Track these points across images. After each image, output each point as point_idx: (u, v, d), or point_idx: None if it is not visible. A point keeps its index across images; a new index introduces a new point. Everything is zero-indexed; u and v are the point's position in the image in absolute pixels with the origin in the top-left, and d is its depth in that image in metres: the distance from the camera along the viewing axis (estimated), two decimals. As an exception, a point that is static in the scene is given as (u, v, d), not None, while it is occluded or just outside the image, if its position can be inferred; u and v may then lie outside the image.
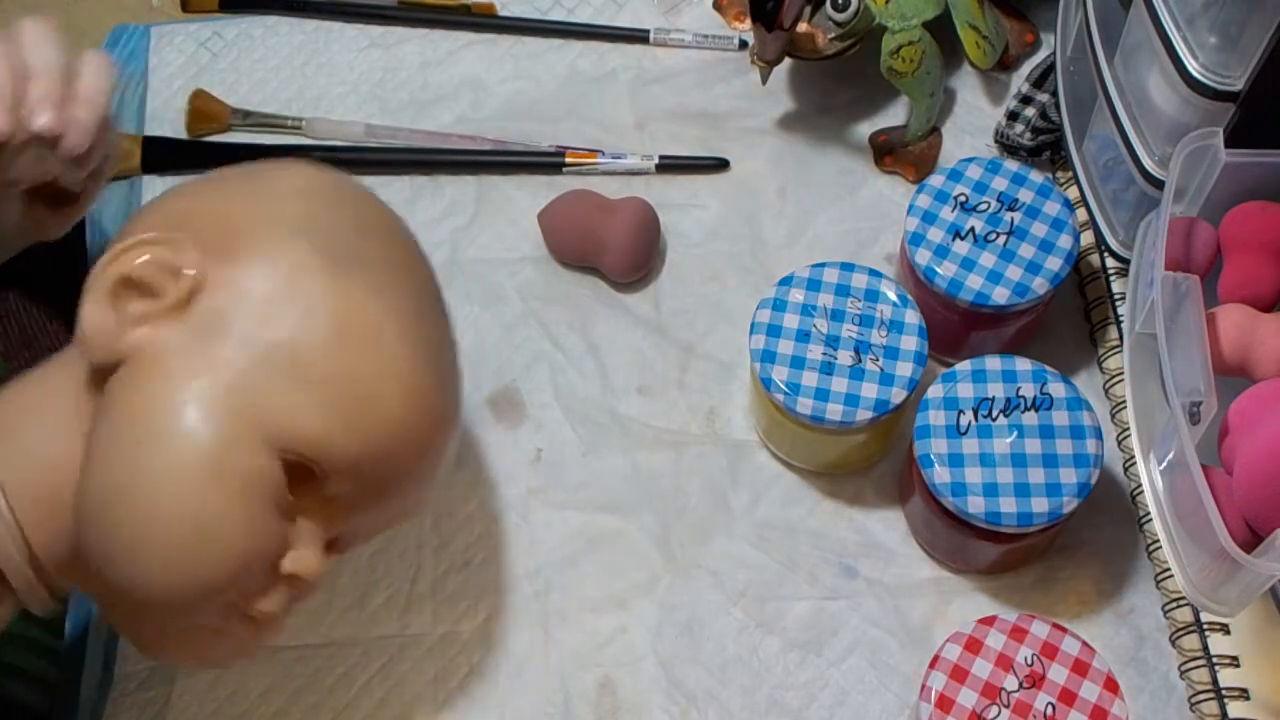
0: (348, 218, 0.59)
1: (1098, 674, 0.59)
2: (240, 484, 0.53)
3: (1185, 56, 0.59)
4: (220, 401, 0.53)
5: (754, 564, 0.71)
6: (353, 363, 0.55)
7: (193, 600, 0.53)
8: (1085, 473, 0.63)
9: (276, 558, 0.55)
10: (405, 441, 0.57)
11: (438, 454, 0.59)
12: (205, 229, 0.56)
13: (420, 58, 0.85)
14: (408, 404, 0.56)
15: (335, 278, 0.56)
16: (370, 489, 0.57)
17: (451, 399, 0.60)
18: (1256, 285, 0.60)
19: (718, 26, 0.85)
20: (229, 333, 0.54)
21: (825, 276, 0.68)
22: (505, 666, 0.69)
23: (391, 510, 0.59)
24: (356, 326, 0.55)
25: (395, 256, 0.60)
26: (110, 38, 0.87)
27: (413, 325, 0.57)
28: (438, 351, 0.59)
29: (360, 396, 0.55)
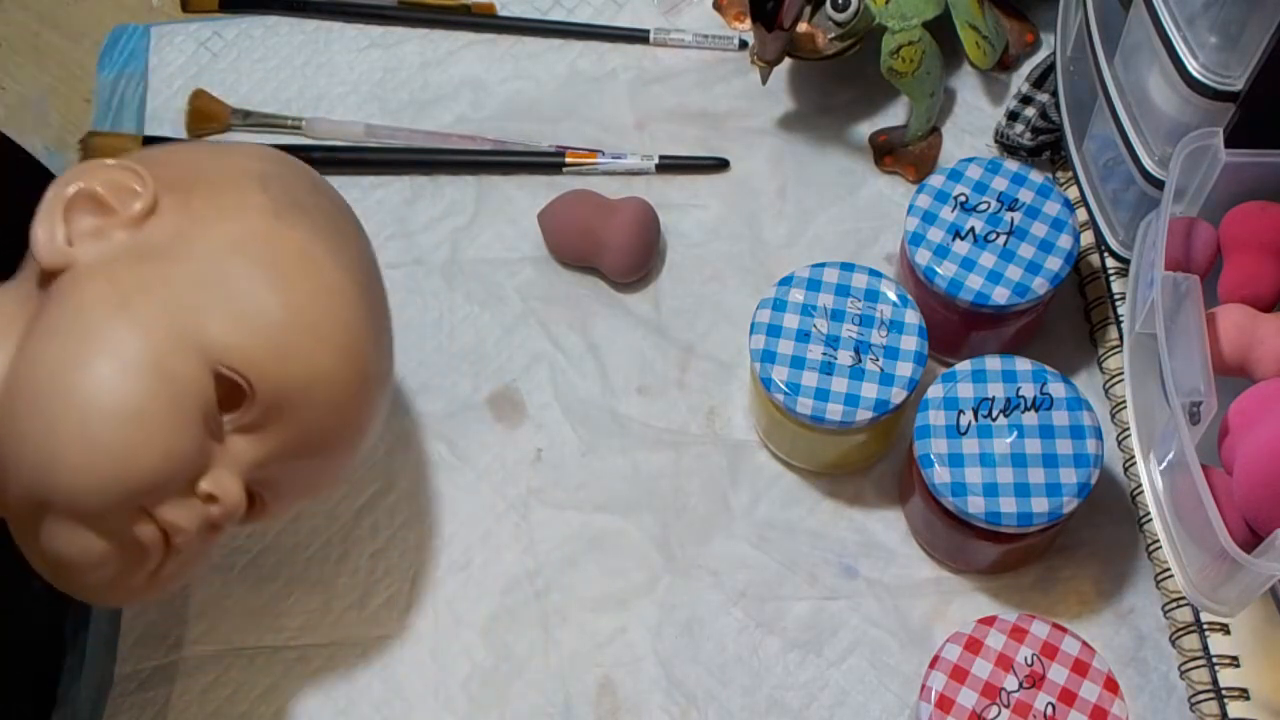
0: (302, 181, 0.63)
1: (1098, 674, 0.59)
2: (170, 387, 0.54)
3: (1185, 56, 0.59)
4: (159, 308, 0.55)
5: (754, 564, 0.71)
6: (291, 293, 0.57)
7: (108, 501, 0.53)
8: (1085, 473, 0.63)
9: (196, 473, 0.56)
10: (333, 380, 0.58)
11: (364, 409, 0.60)
12: (167, 167, 0.60)
13: (420, 58, 0.85)
14: (340, 344, 0.58)
15: (282, 218, 0.59)
16: (296, 426, 0.58)
17: (384, 360, 0.63)
18: (1256, 285, 0.60)
19: (718, 26, 0.85)
20: (175, 252, 0.57)
21: (825, 276, 0.68)
22: (505, 666, 0.69)
23: (315, 464, 0.60)
24: (299, 262, 0.58)
25: (343, 221, 0.63)
26: (110, 38, 0.87)
27: (354, 277, 0.60)
28: (374, 311, 0.62)
29: (296, 326, 0.57)
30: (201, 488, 0.56)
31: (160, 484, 0.54)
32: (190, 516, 0.56)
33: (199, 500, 0.56)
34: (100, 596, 0.59)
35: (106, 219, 0.58)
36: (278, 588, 0.71)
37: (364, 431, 0.62)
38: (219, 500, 0.56)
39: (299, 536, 0.72)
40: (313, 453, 0.59)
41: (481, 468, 0.74)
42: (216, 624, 0.70)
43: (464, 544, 0.72)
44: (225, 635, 0.70)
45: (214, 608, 0.71)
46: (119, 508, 0.54)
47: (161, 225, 0.58)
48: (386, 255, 0.79)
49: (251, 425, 0.57)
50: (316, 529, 0.72)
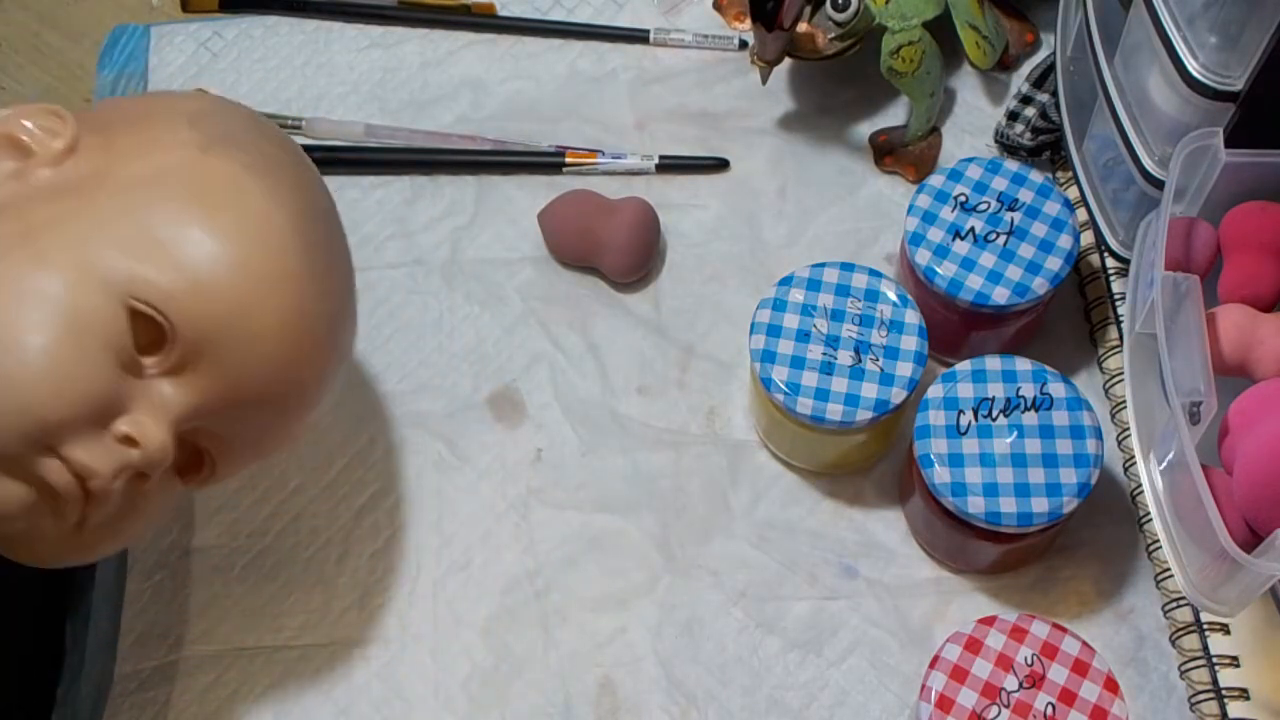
0: (238, 119, 0.61)
1: (1098, 674, 0.59)
2: (74, 321, 0.52)
3: (1185, 56, 0.59)
4: (66, 243, 0.54)
5: (754, 564, 0.71)
6: (213, 225, 0.55)
7: (8, 438, 0.52)
8: (1085, 473, 0.63)
9: (108, 413, 0.53)
10: (264, 317, 0.56)
11: (305, 353, 0.58)
12: (96, 112, 0.59)
13: (420, 58, 0.85)
14: (270, 278, 0.56)
15: (209, 152, 0.57)
16: (228, 369, 0.55)
17: (329, 303, 0.59)
18: (1256, 285, 0.60)
19: (718, 26, 0.85)
20: (92, 187, 0.56)
21: (825, 276, 0.68)
22: (505, 666, 0.69)
23: (260, 418, 0.58)
24: (223, 194, 0.56)
25: (285, 159, 0.60)
26: (110, 38, 0.87)
27: (290, 212, 0.58)
28: (316, 250, 0.59)
29: (218, 259, 0.55)
30: (118, 429, 0.54)
31: (65, 421, 0.52)
32: (104, 459, 0.53)
33: (115, 442, 0.54)
34: (24, 551, 0.57)
35: (26, 161, 0.57)
36: (278, 588, 0.71)
37: (308, 381, 0.59)
38: (138, 443, 0.54)
39: (299, 536, 0.72)
40: (253, 402, 0.57)
41: (481, 468, 0.74)
42: (216, 624, 0.70)
43: (464, 544, 0.72)
44: (225, 635, 0.70)
45: (214, 608, 0.71)
46: (22, 446, 0.52)
47: (82, 164, 0.57)
48: (386, 255, 0.79)
49: (177, 367, 0.55)
50: (316, 529, 0.72)
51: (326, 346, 0.60)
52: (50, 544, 0.56)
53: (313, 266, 0.58)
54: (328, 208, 0.62)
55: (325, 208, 0.62)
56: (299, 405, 0.59)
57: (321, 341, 0.59)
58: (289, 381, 0.58)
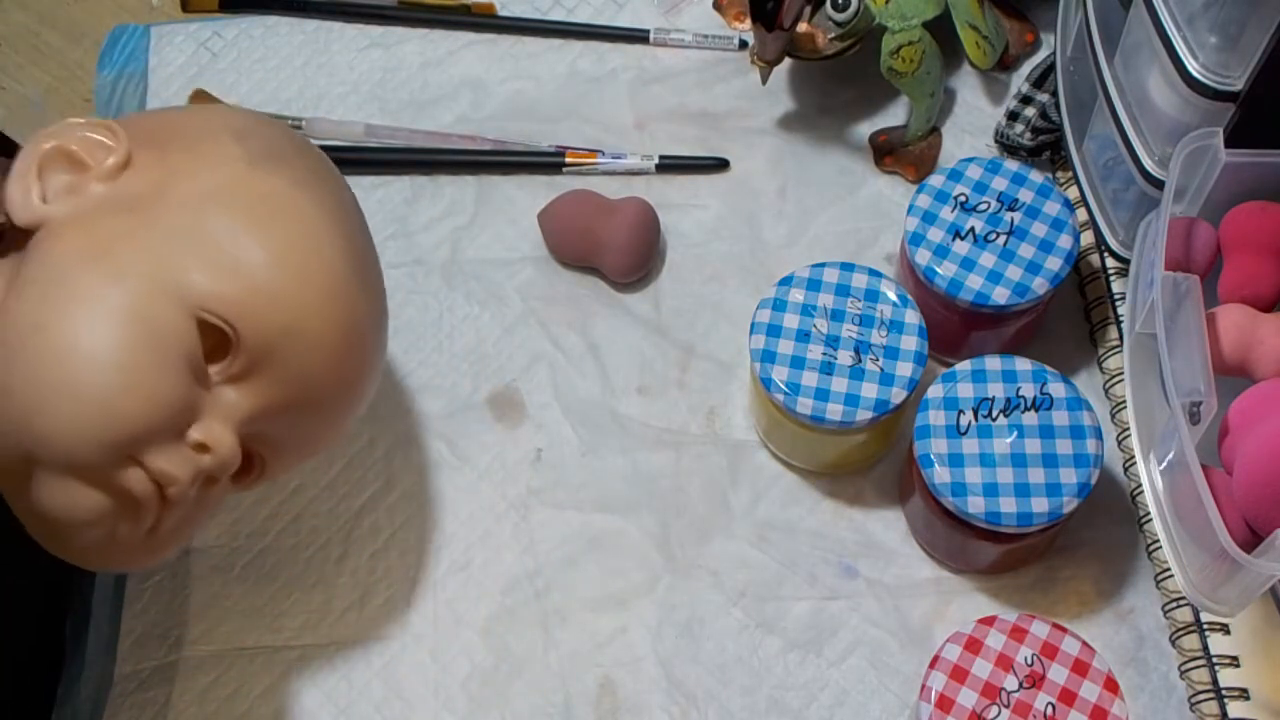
0: (278, 134, 0.63)
1: (1098, 674, 0.59)
2: (151, 333, 0.54)
3: (1185, 56, 0.59)
4: (137, 256, 0.55)
5: (754, 564, 0.71)
6: (271, 238, 0.57)
7: (95, 450, 0.53)
8: (1085, 473, 0.63)
9: (184, 421, 0.55)
10: (320, 324, 0.58)
11: (354, 358, 0.60)
12: (142, 126, 0.60)
13: (420, 58, 0.85)
14: (324, 287, 0.58)
15: (258, 167, 0.59)
16: (286, 375, 0.57)
17: (373, 311, 0.62)
18: (1256, 285, 0.60)
19: (718, 26, 0.85)
20: (152, 203, 0.57)
21: (825, 276, 0.68)
22: (505, 666, 0.69)
23: (311, 419, 0.60)
24: (277, 207, 0.58)
25: (324, 173, 0.63)
26: (110, 38, 0.87)
27: (336, 223, 0.60)
28: (360, 260, 0.61)
29: (277, 270, 0.57)
30: (192, 436, 0.55)
31: (147, 431, 0.54)
32: (182, 465, 0.55)
33: (190, 450, 0.56)
34: (98, 558, 0.58)
35: (81, 175, 0.58)
36: (278, 588, 0.71)
37: (357, 384, 0.61)
38: (211, 449, 0.56)
39: (299, 536, 0.72)
40: (306, 406, 0.59)
41: (481, 468, 0.74)
42: (216, 624, 0.70)
43: (464, 544, 0.72)
44: (225, 635, 0.70)
45: (214, 608, 0.71)
46: (107, 457, 0.54)
47: (137, 179, 0.58)
48: (386, 255, 0.78)
49: (240, 374, 0.57)
50: (316, 529, 0.72)
51: (373, 349, 0.62)
52: (123, 549, 0.57)
53: (359, 274, 0.60)
54: (361, 218, 0.65)
55: (360, 218, 0.64)
56: (348, 406, 0.62)
57: (369, 345, 0.62)
58: (341, 384, 0.60)
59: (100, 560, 0.59)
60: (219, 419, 0.56)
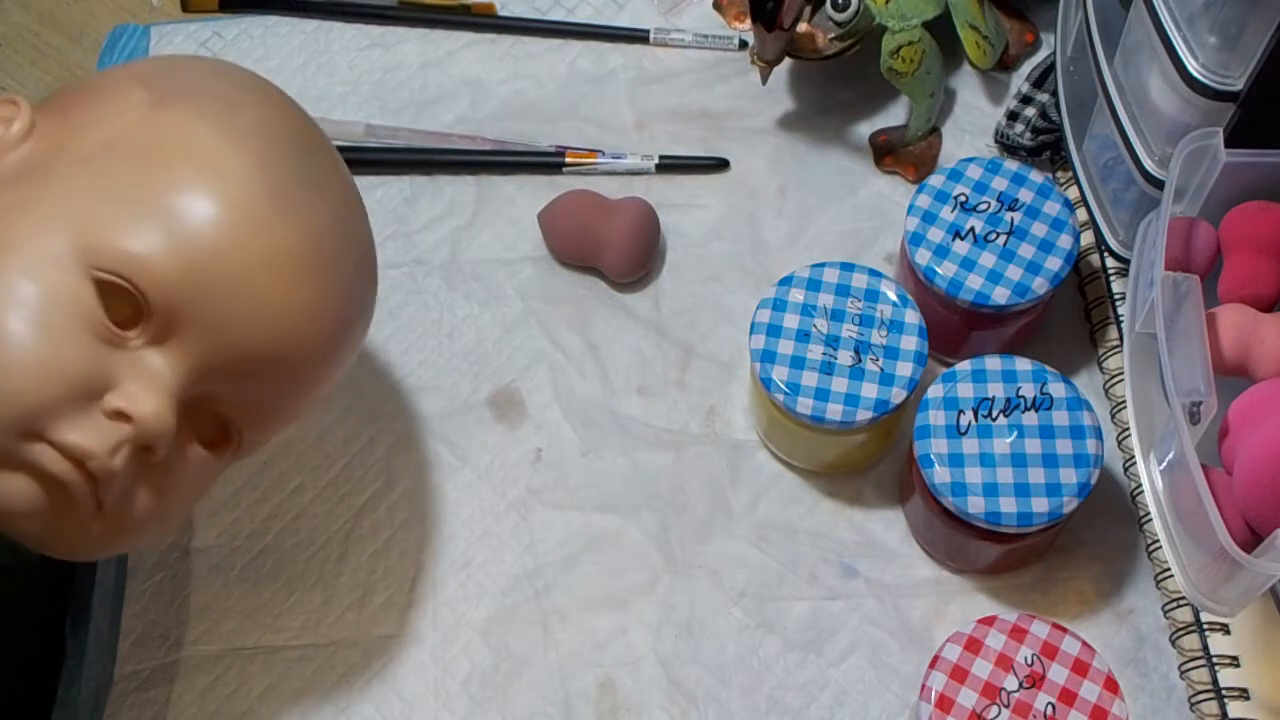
0: (203, 69, 0.59)
1: (1098, 674, 0.59)
2: (40, 305, 0.51)
3: (1185, 56, 0.59)
4: (25, 225, 0.52)
5: (754, 564, 0.71)
6: (166, 181, 0.53)
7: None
8: (1085, 473, 0.63)
9: (93, 390, 0.52)
10: (242, 269, 0.53)
11: (304, 306, 0.55)
12: (56, 94, 0.58)
13: (420, 58, 0.85)
14: (239, 226, 0.53)
15: (161, 107, 0.55)
16: (218, 328, 0.54)
17: (321, 247, 0.56)
18: (1256, 285, 0.60)
19: (718, 26, 0.85)
20: (49, 165, 0.55)
21: (825, 276, 0.68)
22: (505, 666, 0.69)
23: (273, 378, 0.56)
24: (175, 146, 0.54)
25: (249, 103, 0.58)
26: (110, 38, 0.87)
27: (253, 153, 0.55)
28: (297, 195, 0.56)
29: (176, 215, 0.53)
30: (108, 404, 0.52)
31: (45, 404, 0.51)
32: (97, 436, 0.52)
33: (108, 419, 0.52)
34: (62, 546, 0.55)
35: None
36: (278, 588, 0.71)
37: (314, 332, 0.56)
38: (130, 415, 0.52)
39: (299, 536, 0.72)
40: (256, 360, 0.55)
41: (481, 468, 0.74)
42: (216, 624, 0.70)
43: (464, 544, 0.72)
44: (225, 635, 0.70)
45: (214, 608, 0.71)
46: (7, 436, 0.51)
47: (40, 146, 0.56)
48: (386, 255, 0.79)
49: (161, 334, 0.53)
50: (316, 529, 0.72)
51: (324, 287, 0.57)
52: (81, 535, 0.55)
53: (287, 204, 0.55)
54: (307, 140, 0.60)
55: (303, 140, 0.59)
56: (308, 357, 0.57)
57: (316, 283, 0.56)
58: (286, 331, 0.55)
59: (64, 549, 0.56)
60: (143, 384, 0.53)
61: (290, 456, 0.74)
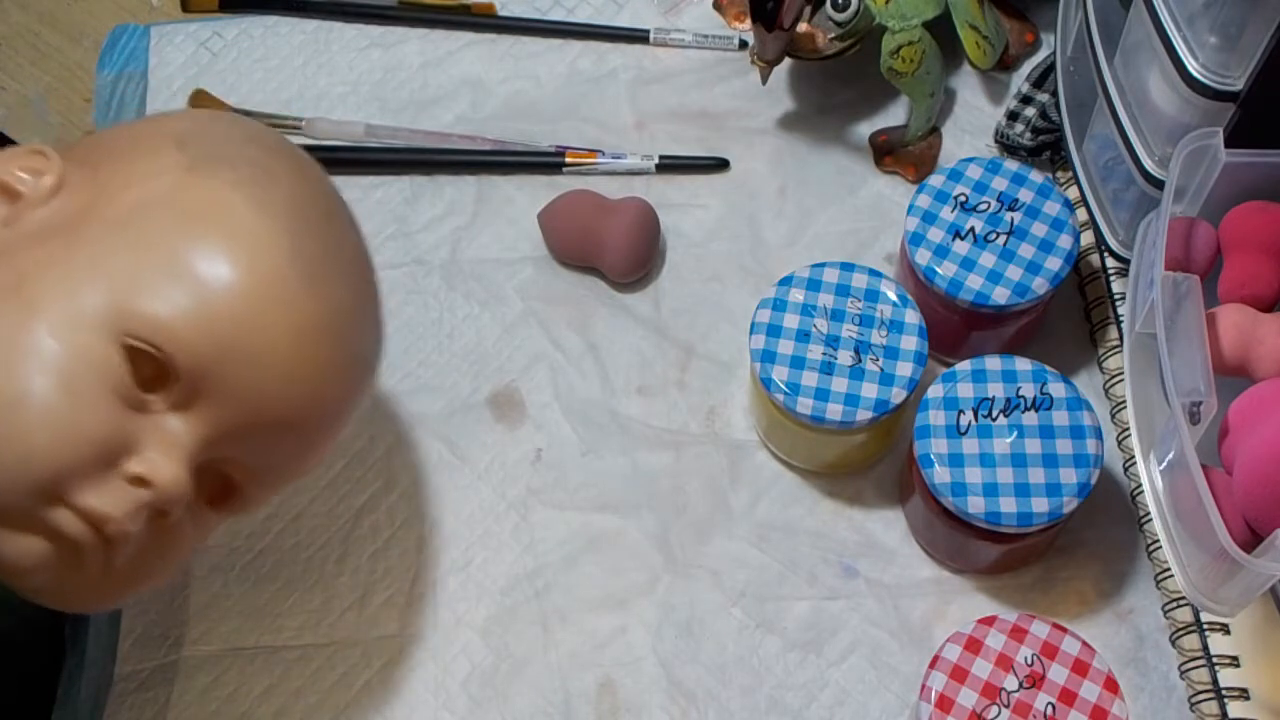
0: (233, 132, 0.59)
1: (1098, 674, 0.59)
2: (66, 366, 0.51)
3: (1185, 56, 0.59)
4: (54, 285, 0.52)
5: (754, 564, 0.71)
6: (200, 248, 0.53)
7: (11, 493, 0.50)
8: (1085, 473, 0.63)
9: (113, 455, 0.52)
10: (266, 336, 0.54)
11: (320, 371, 0.56)
12: (81, 147, 0.58)
13: (420, 58, 0.85)
14: (267, 295, 0.54)
15: (196, 171, 0.55)
16: (238, 395, 0.54)
17: (337, 323, 0.57)
18: (1256, 285, 0.60)
19: (718, 26, 0.85)
20: (79, 225, 0.54)
21: (825, 276, 0.68)
22: (505, 666, 0.69)
23: (282, 441, 0.56)
24: (210, 213, 0.54)
25: (281, 173, 0.58)
26: (110, 38, 0.87)
27: (283, 223, 0.55)
28: (317, 261, 0.56)
29: (208, 282, 0.53)
30: (128, 469, 0.52)
31: (68, 469, 0.51)
32: (116, 501, 0.52)
33: (126, 484, 0.52)
34: (60, 599, 0.56)
35: (15, 205, 0.55)
36: (278, 588, 0.71)
37: (330, 398, 0.57)
38: (150, 482, 0.52)
39: (299, 536, 0.72)
40: (269, 425, 0.55)
41: (481, 468, 0.74)
42: (216, 624, 0.70)
43: (464, 544, 0.72)
44: (225, 635, 0.70)
45: (214, 608, 0.71)
46: (27, 500, 0.51)
47: (69, 201, 0.55)
48: (386, 255, 0.79)
49: (184, 400, 0.53)
50: (316, 529, 0.72)
51: (342, 358, 0.57)
52: (83, 590, 0.55)
53: (314, 276, 0.56)
54: (332, 211, 0.60)
55: (329, 211, 0.60)
56: (321, 423, 0.58)
57: (335, 353, 0.57)
58: (305, 399, 0.56)
59: (61, 601, 0.56)
60: (161, 449, 0.53)
61: (290, 456, 0.74)
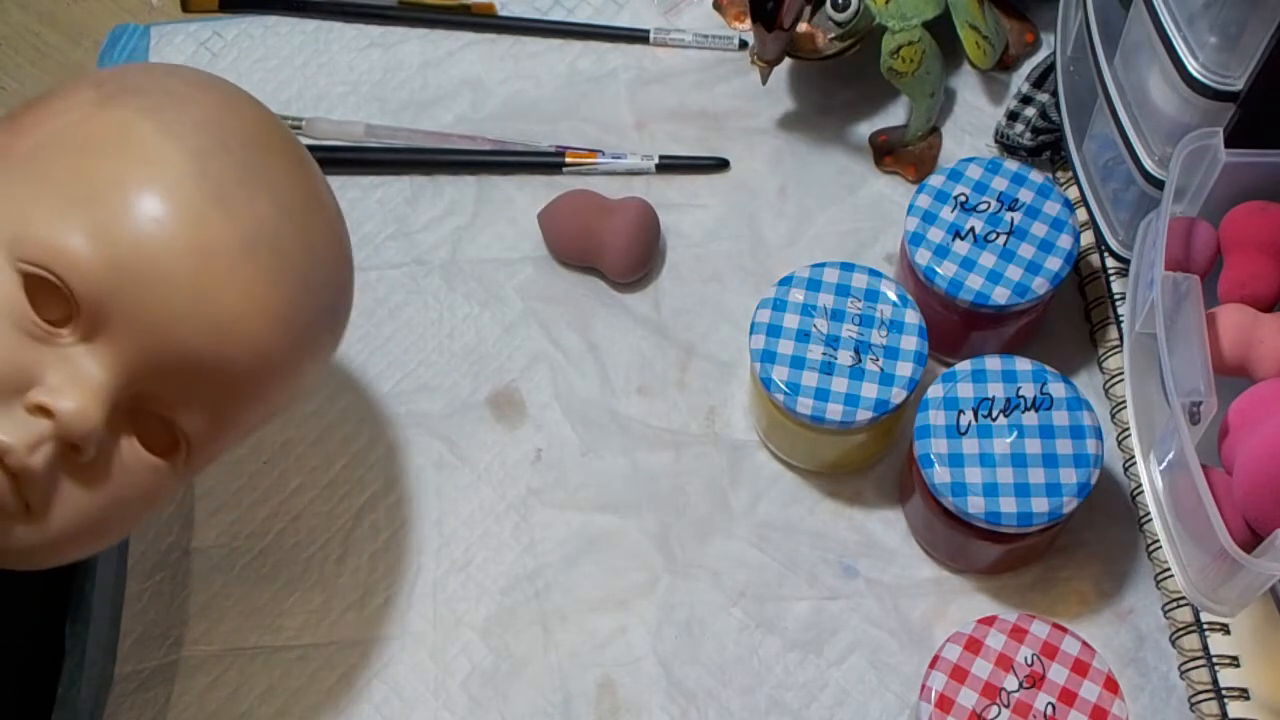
0: (155, 70, 0.58)
1: (1098, 674, 0.59)
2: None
3: (1185, 56, 0.59)
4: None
5: (754, 564, 0.71)
6: (97, 172, 0.52)
7: None
8: (1085, 473, 0.63)
9: (19, 384, 0.51)
10: (171, 262, 0.51)
11: (240, 298, 0.53)
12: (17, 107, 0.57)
13: (420, 58, 0.85)
14: (168, 222, 0.52)
15: (106, 105, 0.54)
16: (150, 324, 0.52)
17: (267, 241, 0.54)
18: (1256, 285, 0.60)
19: (718, 26, 0.85)
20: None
21: (825, 276, 0.68)
22: (505, 666, 0.69)
23: (204, 380, 0.53)
24: (113, 140, 0.53)
25: (199, 95, 0.56)
26: (110, 38, 0.87)
27: (197, 148, 0.53)
28: (242, 189, 0.54)
29: (106, 206, 0.51)
30: (29, 399, 0.51)
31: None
32: (16, 431, 0.50)
33: (29, 414, 0.51)
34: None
35: None
36: (278, 588, 0.71)
37: (258, 328, 0.53)
38: (50, 411, 0.51)
39: (299, 536, 0.72)
40: (192, 356, 0.52)
41: (481, 468, 0.74)
42: (216, 624, 0.70)
43: (464, 544, 0.72)
44: (225, 635, 0.70)
45: (214, 608, 0.71)
46: None
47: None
48: (386, 255, 0.79)
49: (92, 329, 0.52)
50: (316, 529, 0.72)
51: (266, 287, 0.54)
52: (7, 537, 0.53)
53: (224, 197, 0.53)
54: (262, 139, 0.57)
55: (256, 138, 0.57)
56: (256, 359, 0.54)
57: (256, 276, 0.53)
58: (223, 325, 0.53)
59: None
60: (68, 380, 0.51)
61: (290, 456, 0.74)
